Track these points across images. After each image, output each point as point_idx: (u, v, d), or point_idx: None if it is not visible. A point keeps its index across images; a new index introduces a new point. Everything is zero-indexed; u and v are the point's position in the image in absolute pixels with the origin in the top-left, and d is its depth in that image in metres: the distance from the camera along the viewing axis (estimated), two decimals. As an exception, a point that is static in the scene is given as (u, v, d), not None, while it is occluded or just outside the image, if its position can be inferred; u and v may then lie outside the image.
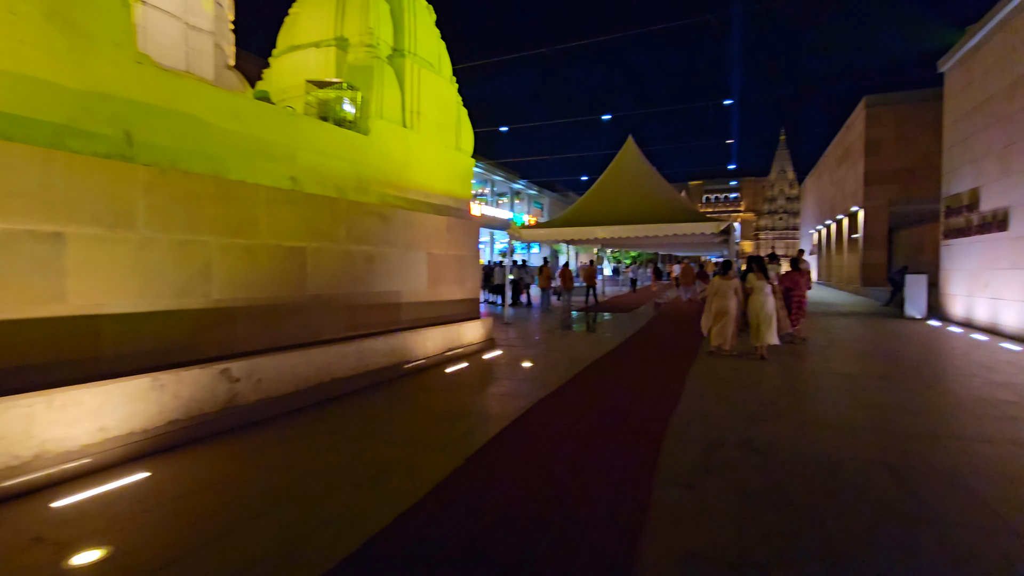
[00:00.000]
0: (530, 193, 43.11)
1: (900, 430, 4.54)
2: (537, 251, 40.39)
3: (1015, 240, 9.35)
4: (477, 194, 35.81)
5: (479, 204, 33.04)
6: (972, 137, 11.03)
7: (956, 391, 5.83)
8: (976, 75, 10.95)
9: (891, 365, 7.30)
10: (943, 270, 12.42)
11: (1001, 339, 9.37)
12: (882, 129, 20.15)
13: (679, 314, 14.85)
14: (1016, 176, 9.37)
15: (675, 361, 7.68)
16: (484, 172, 33.71)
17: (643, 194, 12.95)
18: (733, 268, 8.62)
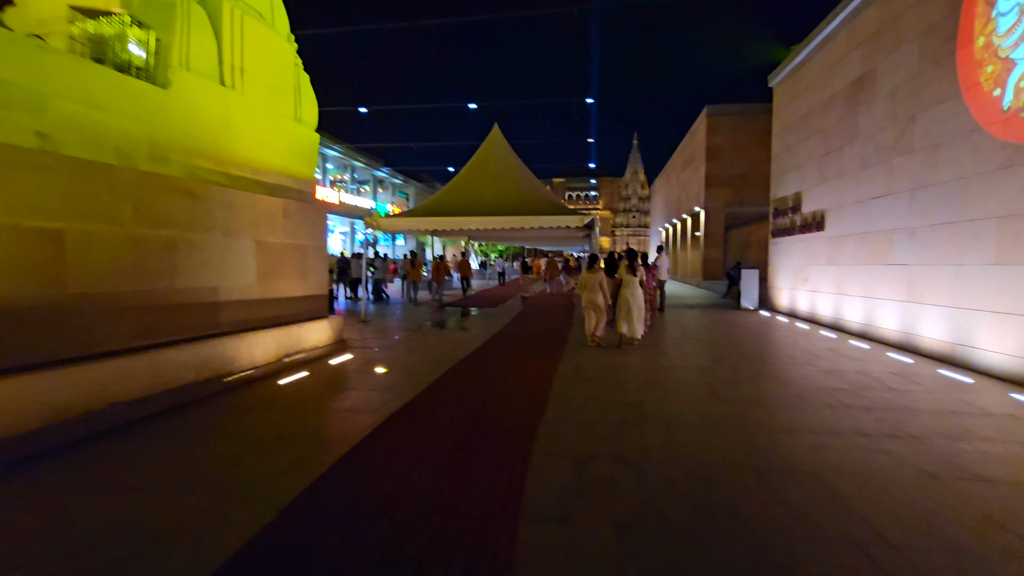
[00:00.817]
0: (395, 182, 41.30)
1: (757, 426, 4.50)
2: (403, 243, 38.85)
3: (830, 239, 10.55)
4: (336, 180, 33.25)
5: (338, 191, 30.65)
6: (796, 146, 12.32)
7: (796, 381, 6.14)
8: (800, 90, 12.23)
9: (738, 356, 7.66)
10: (771, 266, 13.84)
11: (819, 327, 10.52)
12: (721, 137, 22.25)
13: (545, 307, 14.85)
14: (831, 182, 10.56)
15: (542, 359, 7.30)
16: (343, 157, 31.37)
17: (510, 185, 12.59)
18: (599, 262, 8.72)
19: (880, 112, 8.80)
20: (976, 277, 6.60)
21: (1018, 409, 4.98)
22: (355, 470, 3.55)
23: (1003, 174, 6.20)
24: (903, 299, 8.08)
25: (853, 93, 9.71)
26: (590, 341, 8.41)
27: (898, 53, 8.34)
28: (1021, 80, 5.97)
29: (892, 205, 8.42)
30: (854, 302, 9.56)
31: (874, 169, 8.94)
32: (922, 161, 7.68)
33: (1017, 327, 5.95)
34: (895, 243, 8.32)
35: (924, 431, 4.37)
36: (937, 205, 7.34)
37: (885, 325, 8.54)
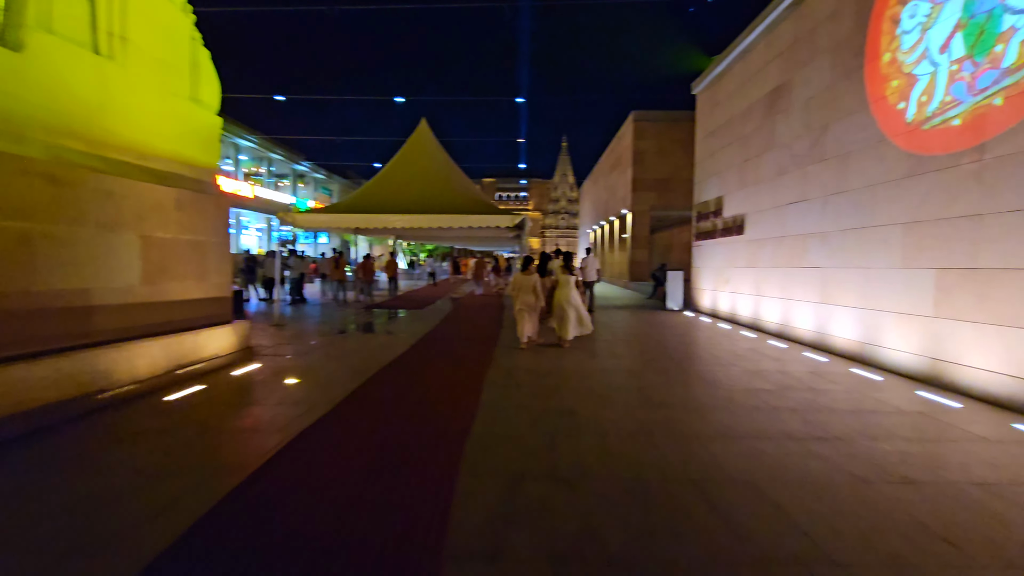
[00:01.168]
0: (317, 177, 39.34)
1: (692, 432, 4.38)
2: (326, 241, 37.08)
3: (750, 242, 10.95)
4: (251, 173, 31.10)
5: (253, 184, 28.67)
6: (718, 152, 12.75)
7: (724, 383, 6.17)
8: (721, 98, 12.67)
9: (667, 358, 7.67)
10: (694, 267, 14.28)
11: (740, 327, 10.90)
12: (646, 142, 22.90)
13: (475, 309, 14.49)
14: (750, 188, 10.97)
15: (471, 364, 6.93)
16: (259, 148, 29.40)
17: (438, 183, 12.12)
18: (534, 264, 8.69)
19: (796, 121, 9.20)
20: (883, 280, 6.97)
21: (925, 407, 5.21)
22: (247, 507, 3.01)
23: (907, 183, 6.57)
24: (817, 300, 8.46)
25: (771, 102, 10.12)
26: (523, 344, 8.25)
27: (812, 65, 8.74)
28: (923, 94, 6.34)
29: (807, 210, 8.80)
30: (772, 303, 9.96)
31: (790, 176, 9.34)
32: (834, 169, 8.06)
33: (919, 327, 6.31)
34: (809, 247, 8.70)
35: (848, 432, 4.43)
36: (848, 211, 7.72)
37: (800, 325, 8.92)
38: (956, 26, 5.89)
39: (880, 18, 7.13)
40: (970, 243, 5.64)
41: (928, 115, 6.26)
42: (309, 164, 36.56)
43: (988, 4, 5.50)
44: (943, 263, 6.00)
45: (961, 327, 5.73)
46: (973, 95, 5.65)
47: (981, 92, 5.55)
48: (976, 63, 5.61)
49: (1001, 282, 5.28)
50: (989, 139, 5.45)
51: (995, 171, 5.38)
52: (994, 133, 5.40)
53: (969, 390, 5.58)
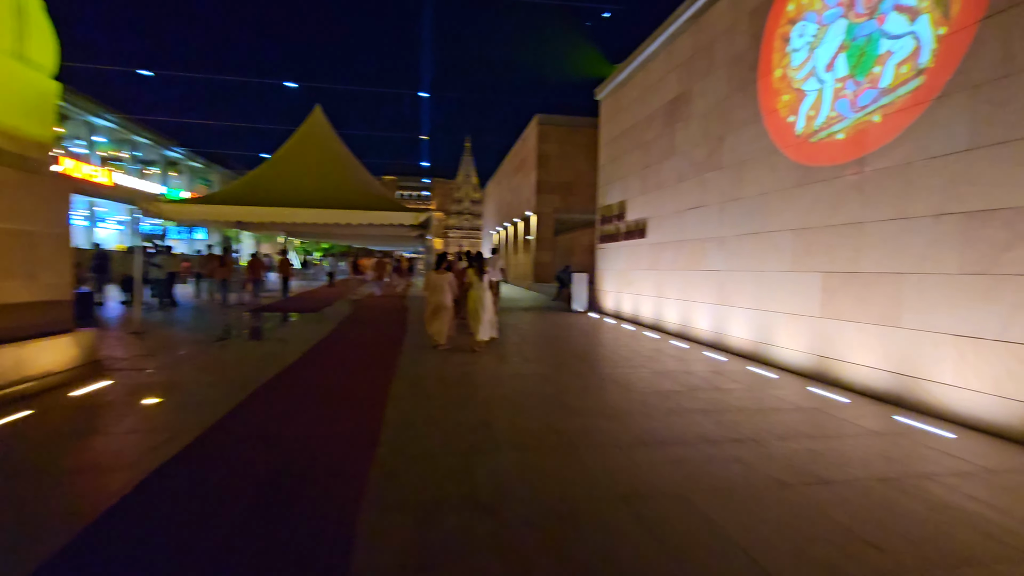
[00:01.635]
0: (193, 166, 35.45)
1: (612, 441, 4.19)
2: (203, 238, 33.56)
3: (652, 246, 11.30)
4: (109, 157, 27.23)
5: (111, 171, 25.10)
6: (621, 157, 13.08)
7: (636, 385, 6.12)
8: (624, 105, 13.02)
9: (579, 361, 7.57)
10: (598, 269, 14.57)
11: (643, 328, 11.20)
12: (550, 145, 23.22)
13: (377, 311, 13.63)
14: (652, 193, 11.33)
15: (374, 373, 6.30)
16: (120, 129, 25.82)
17: (335, 176, 11.17)
18: (446, 263, 8.71)
19: (695, 130, 9.59)
20: (775, 282, 7.38)
21: (819, 403, 5.49)
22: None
23: (797, 192, 6.99)
24: (715, 302, 8.84)
25: (671, 111, 10.50)
26: (443, 344, 8.08)
27: (710, 77, 9.14)
28: (811, 109, 6.77)
29: (705, 216, 9.19)
30: (673, 304, 10.31)
31: (690, 182, 9.71)
32: (730, 177, 8.46)
33: (808, 327, 6.73)
34: (708, 250, 9.09)
35: (758, 432, 4.48)
36: (743, 217, 8.12)
37: (700, 326, 9.29)
38: (840, 47, 6.34)
39: (772, 35, 7.56)
40: (852, 249, 6.08)
41: (815, 129, 6.69)
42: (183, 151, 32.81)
43: (868, 28, 5.96)
44: (828, 267, 6.42)
45: (845, 326, 6.16)
46: (855, 112, 6.09)
47: (862, 109, 6.00)
48: (858, 82, 6.06)
49: (879, 285, 5.71)
50: (869, 153, 5.90)
51: (874, 183, 5.82)
52: (873, 148, 5.84)
53: (852, 385, 6.00)
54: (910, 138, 5.41)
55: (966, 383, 4.78)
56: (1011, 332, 4.43)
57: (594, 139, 23.49)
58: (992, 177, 4.61)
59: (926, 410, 5.11)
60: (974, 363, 4.71)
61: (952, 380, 4.91)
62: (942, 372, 5.00)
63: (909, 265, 5.36)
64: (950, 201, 4.98)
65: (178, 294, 14.18)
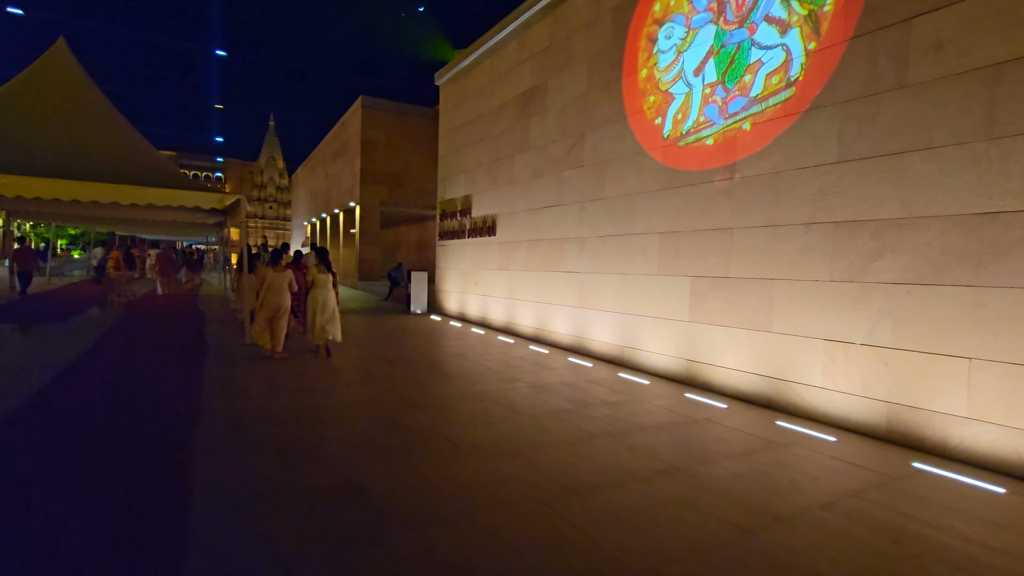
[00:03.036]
0: None
1: (533, 493, 3.30)
2: None
3: (502, 244, 10.72)
4: None
5: None
6: (465, 149, 12.26)
7: (521, 405, 5.34)
8: (469, 93, 12.21)
9: (442, 376, 6.51)
10: (439, 268, 13.57)
11: (494, 332, 10.55)
12: (376, 132, 21.37)
13: (163, 316, 10.57)
14: (502, 188, 10.74)
15: (163, 421, 4.39)
16: None
17: (94, 137, 8.22)
18: (285, 258, 7.77)
19: (552, 125, 9.21)
20: (641, 285, 7.29)
21: (711, 412, 5.35)
22: None
23: (664, 195, 6.95)
24: (575, 305, 8.56)
25: (524, 104, 10.01)
26: (274, 354, 7.13)
27: (569, 72, 8.82)
28: (678, 112, 6.76)
29: (563, 215, 8.86)
30: (527, 307, 9.85)
31: (546, 179, 9.32)
32: (592, 176, 8.22)
33: (676, 331, 6.72)
34: (566, 251, 8.78)
35: (678, 458, 4.02)
36: (606, 218, 7.93)
37: (559, 329, 8.95)
38: (709, 52, 6.38)
39: (638, 34, 7.45)
40: (722, 253, 6.15)
41: (683, 132, 6.69)
42: None
43: (738, 36, 6.05)
44: (698, 271, 6.46)
45: (714, 331, 6.22)
46: (725, 118, 6.16)
47: (732, 116, 6.08)
48: (728, 89, 6.14)
49: (750, 290, 5.83)
50: (739, 160, 6.00)
51: (744, 190, 5.93)
52: (743, 155, 5.95)
53: (723, 388, 6.07)
54: (780, 148, 5.57)
55: (836, 385, 5.01)
56: (877, 336, 4.70)
57: (426, 130, 22.42)
58: (861, 190, 4.86)
59: (797, 412, 5.29)
60: (844, 366, 4.95)
61: (822, 383, 5.12)
62: (812, 375, 5.21)
63: (780, 271, 5.52)
64: (820, 211, 5.19)
65: None
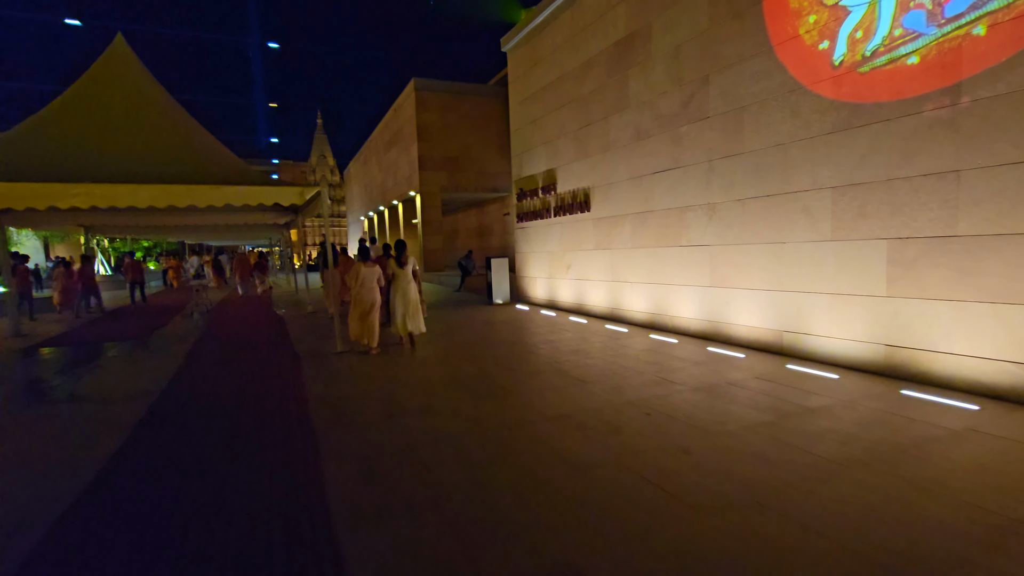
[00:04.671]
0: None
1: (777, 544, 2.13)
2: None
3: (599, 221, 9.46)
4: None
5: None
6: (544, 118, 11.01)
7: (693, 416, 4.16)
8: (545, 54, 10.91)
9: (559, 375, 5.40)
10: (520, 253, 12.47)
11: (601, 320, 9.37)
12: (431, 114, 20.40)
13: (242, 323, 10.02)
14: (595, 157, 9.45)
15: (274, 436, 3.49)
16: None
17: (161, 137, 7.53)
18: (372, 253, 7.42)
19: (660, 75, 7.82)
20: (805, 255, 5.90)
21: (968, 419, 3.99)
22: None
23: (837, 138, 5.50)
24: (705, 284, 7.24)
25: (620, 55, 8.63)
26: (370, 350, 7.03)
27: (680, 6, 7.38)
28: (857, 29, 5.26)
29: (682, 180, 7.51)
30: (637, 290, 8.59)
31: (655, 140, 7.97)
32: (722, 128, 6.82)
33: (865, 309, 5.32)
34: (689, 222, 7.44)
35: (887, 454, 2.75)
36: (746, 177, 6.54)
37: (683, 313, 7.66)
38: (907, -58, 4.84)
39: (784, -59, 5.94)
40: (942, 206, 4.68)
41: (867, 55, 5.20)
42: None
43: (958, -89, 4.50)
44: (899, 231, 5.01)
45: (933, 307, 4.79)
46: (939, 25, 4.64)
47: (952, 21, 4.56)
48: (943, -15, 4.61)
49: (992, 250, 4.37)
50: (967, 78, 4.49)
51: (977, 118, 4.43)
52: (974, 70, 4.44)
53: (953, 382, 4.66)
54: (1045, 52, 4.04)
55: None
56: None
57: (483, 108, 21.27)
58: None
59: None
60: None
61: None
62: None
63: (1053, 222, 4.03)
64: None
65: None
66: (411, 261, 7.25)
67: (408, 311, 7.08)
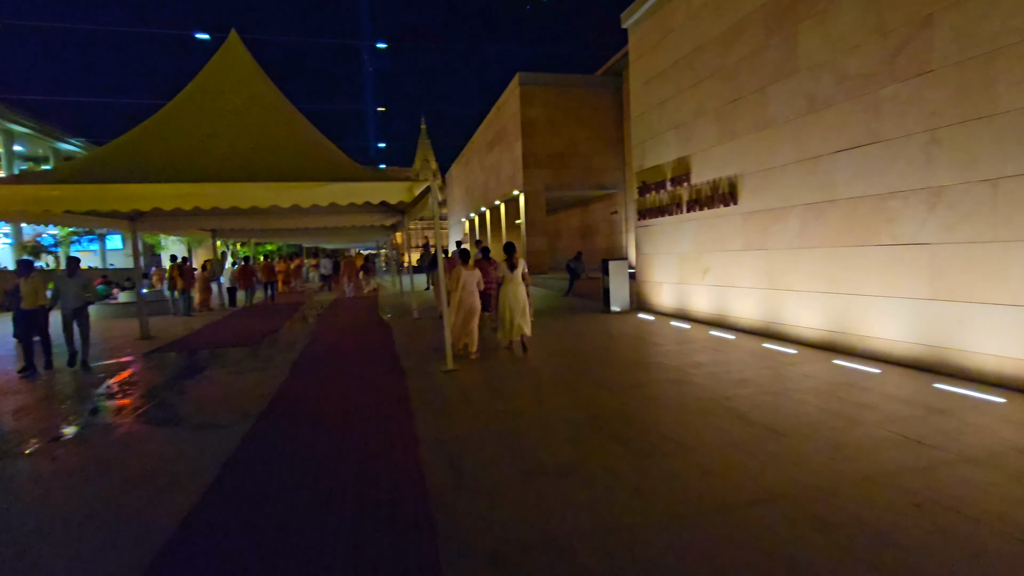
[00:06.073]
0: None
1: None
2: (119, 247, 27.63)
3: (749, 215, 7.81)
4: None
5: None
6: (676, 98, 9.49)
7: (1000, 515, 2.59)
8: (677, 23, 9.39)
9: (735, 418, 3.97)
10: (641, 254, 11.01)
11: (749, 335, 7.72)
12: (536, 110, 19.43)
13: (349, 324, 9.60)
14: (745, 138, 7.81)
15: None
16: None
17: (273, 134, 7.10)
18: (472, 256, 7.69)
19: (848, 25, 6.07)
20: (1119, 258, 3.97)
21: None
22: None
23: None
24: (922, 296, 5.41)
25: (786, 8, 6.95)
26: (471, 355, 6.90)
27: (883, -70, 5.61)
28: None
29: (882, 158, 5.73)
30: (807, 300, 6.85)
31: (838, 110, 6.23)
32: (956, 84, 4.99)
33: None
34: (896, 213, 5.64)
35: None
36: (1000, 149, 4.67)
37: (882, 333, 5.86)
38: None
39: None
40: None
41: None
42: (83, 143, 26.22)
43: None
44: None
45: None
46: None
47: None
48: None
49: None
50: None
51: None
52: None
53: None
54: None
55: None
56: None
57: (590, 100, 19.90)
58: None
59: None
60: None
61: None
62: None
63: None
64: None
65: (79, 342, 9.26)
66: (521, 263, 7.18)
67: (516, 314, 6.94)
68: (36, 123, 22.53)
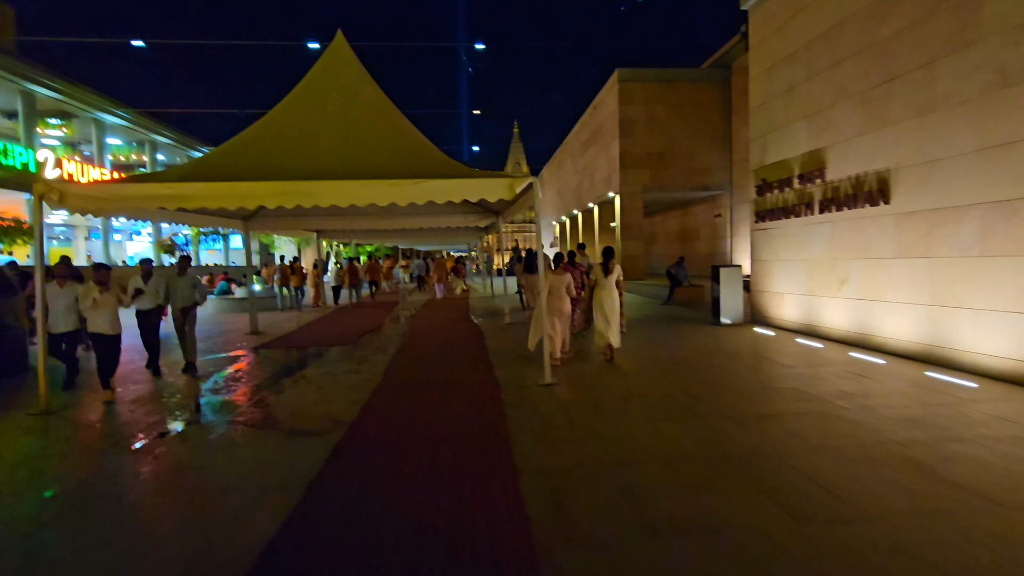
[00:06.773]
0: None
1: None
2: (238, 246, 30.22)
3: (905, 217, 6.55)
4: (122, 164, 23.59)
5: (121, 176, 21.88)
6: (808, 83, 8.32)
7: None
8: (807, 1, 8.22)
9: (897, 460, 3.03)
10: (758, 261, 9.85)
11: (901, 360, 6.46)
12: (635, 108, 18.47)
13: (440, 329, 9.42)
14: (900, 125, 6.58)
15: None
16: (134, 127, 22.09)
17: (375, 133, 7.01)
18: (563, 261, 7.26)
19: (1062, -26, 4.80)
20: None
21: None
22: None
23: None
24: None
25: (965, -37, 5.71)
26: (557, 359, 6.66)
27: None
28: None
29: (1115, 141, 4.41)
30: (989, 322, 5.55)
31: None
32: None
33: None
34: None
35: None
36: None
37: (1110, 369, 4.52)
38: None
39: None
40: None
41: None
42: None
43: None
44: None
45: None
46: None
47: None
48: None
49: None
50: None
51: None
52: None
53: None
54: None
55: None
56: None
57: (694, 95, 18.58)
58: None
59: None
60: None
61: None
62: None
63: None
64: None
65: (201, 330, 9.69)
66: (616, 269, 6.94)
67: (602, 322, 6.79)
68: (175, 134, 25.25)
